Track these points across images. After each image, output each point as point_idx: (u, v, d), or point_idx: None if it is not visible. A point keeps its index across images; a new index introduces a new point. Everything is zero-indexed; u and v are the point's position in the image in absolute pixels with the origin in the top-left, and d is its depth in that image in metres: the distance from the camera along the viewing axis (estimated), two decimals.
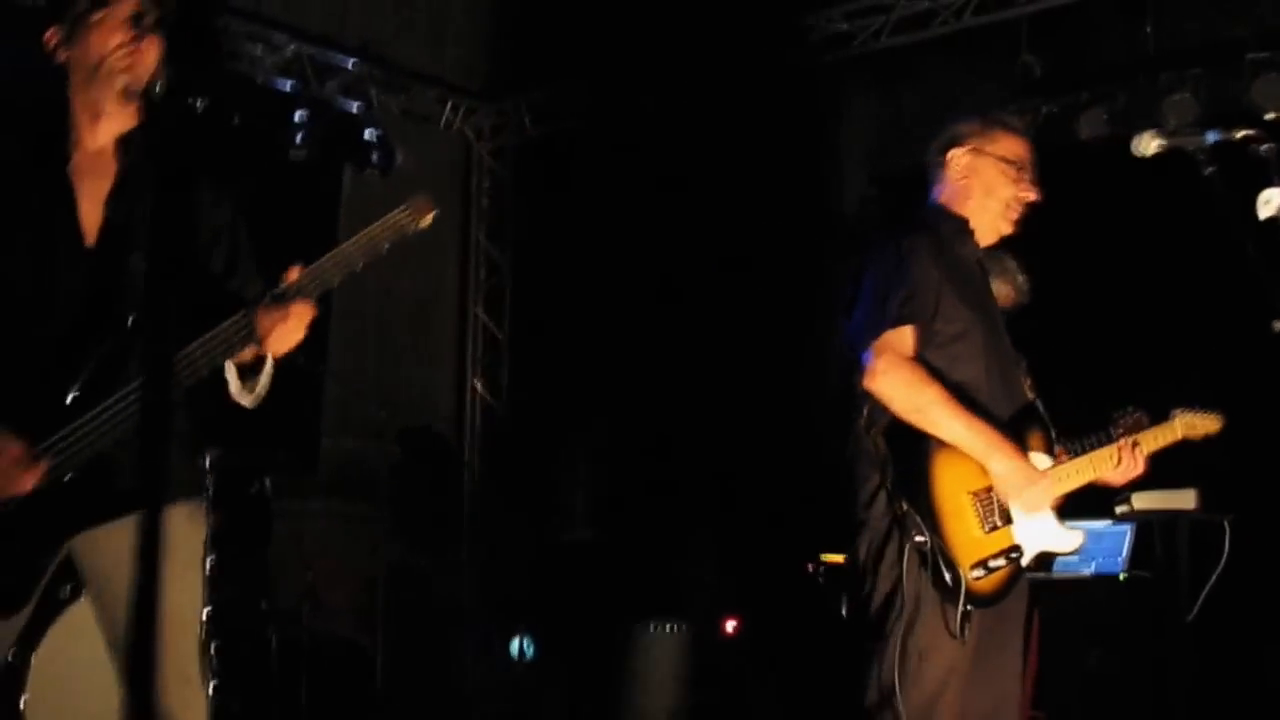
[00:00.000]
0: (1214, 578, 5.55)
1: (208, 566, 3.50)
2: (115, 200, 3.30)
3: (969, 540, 3.60)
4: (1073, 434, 3.94)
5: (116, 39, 3.26)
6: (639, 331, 8.46)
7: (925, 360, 3.67)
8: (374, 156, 7.65)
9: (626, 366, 8.56)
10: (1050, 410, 3.94)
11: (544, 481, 8.98)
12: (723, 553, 7.82)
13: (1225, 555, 5.57)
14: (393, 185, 7.66)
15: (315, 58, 7.76)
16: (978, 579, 3.57)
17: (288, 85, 7.64)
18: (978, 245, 3.96)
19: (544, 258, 9.02)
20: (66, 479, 3.14)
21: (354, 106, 7.97)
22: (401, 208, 3.14)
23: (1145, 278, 6.62)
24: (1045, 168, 3.97)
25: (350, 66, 7.87)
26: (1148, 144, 3.53)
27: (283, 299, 3.09)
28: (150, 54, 3.29)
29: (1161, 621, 5.79)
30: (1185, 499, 5.69)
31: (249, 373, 3.25)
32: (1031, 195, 3.93)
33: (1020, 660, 3.81)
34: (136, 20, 3.25)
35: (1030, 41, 7.14)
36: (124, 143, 3.36)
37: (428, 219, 3.14)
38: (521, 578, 8.32)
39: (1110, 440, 3.93)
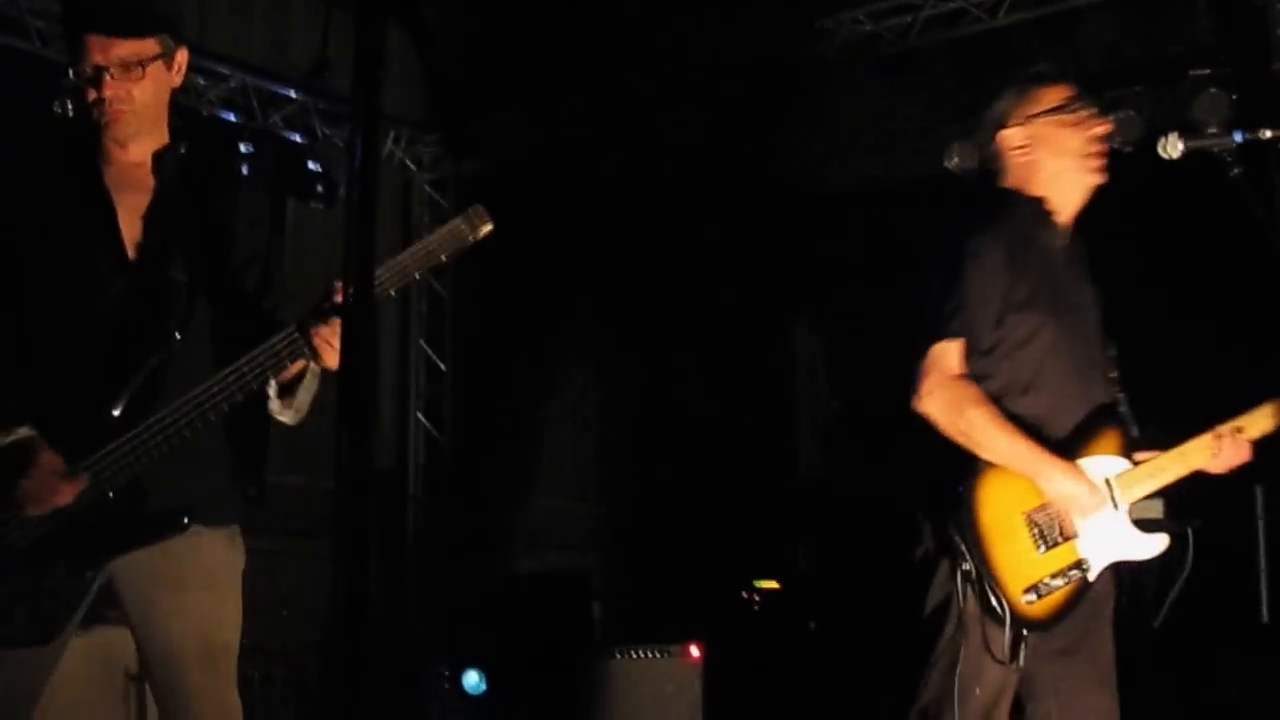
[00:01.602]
0: (1178, 585, 5.61)
1: None
2: (154, 214, 3.30)
3: (1021, 563, 3.47)
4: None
5: (90, 95, 3.25)
6: (584, 362, 8.49)
7: (985, 369, 3.53)
8: (317, 188, 7.63)
9: (572, 397, 8.59)
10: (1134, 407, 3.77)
11: (490, 513, 8.96)
12: (673, 578, 7.84)
13: (1189, 564, 5.63)
14: (336, 216, 7.65)
15: (259, 89, 7.70)
16: (1030, 603, 3.43)
17: (232, 116, 7.59)
18: (1061, 226, 3.73)
19: (487, 288, 9.01)
20: (109, 496, 3.10)
21: (297, 138, 7.93)
22: (459, 219, 3.13)
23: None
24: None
25: (294, 97, 7.83)
26: (1174, 146, 3.51)
27: (336, 310, 3.06)
28: (126, 101, 3.25)
29: (1123, 632, 5.84)
30: (1153, 509, 5.73)
31: (288, 390, 3.21)
32: (1104, 126, 3.69)
33: (1112, 672, 3.70)
34: (95, 78, 3.22)
35: (971, 62, 7.26)
36: (159, 157, 3.35)
37: (485, 230, 3.12)
38: (471, 610, 8.26)
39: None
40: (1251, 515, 5.91)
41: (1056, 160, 3.68)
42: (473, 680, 7.33)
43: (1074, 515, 3.55)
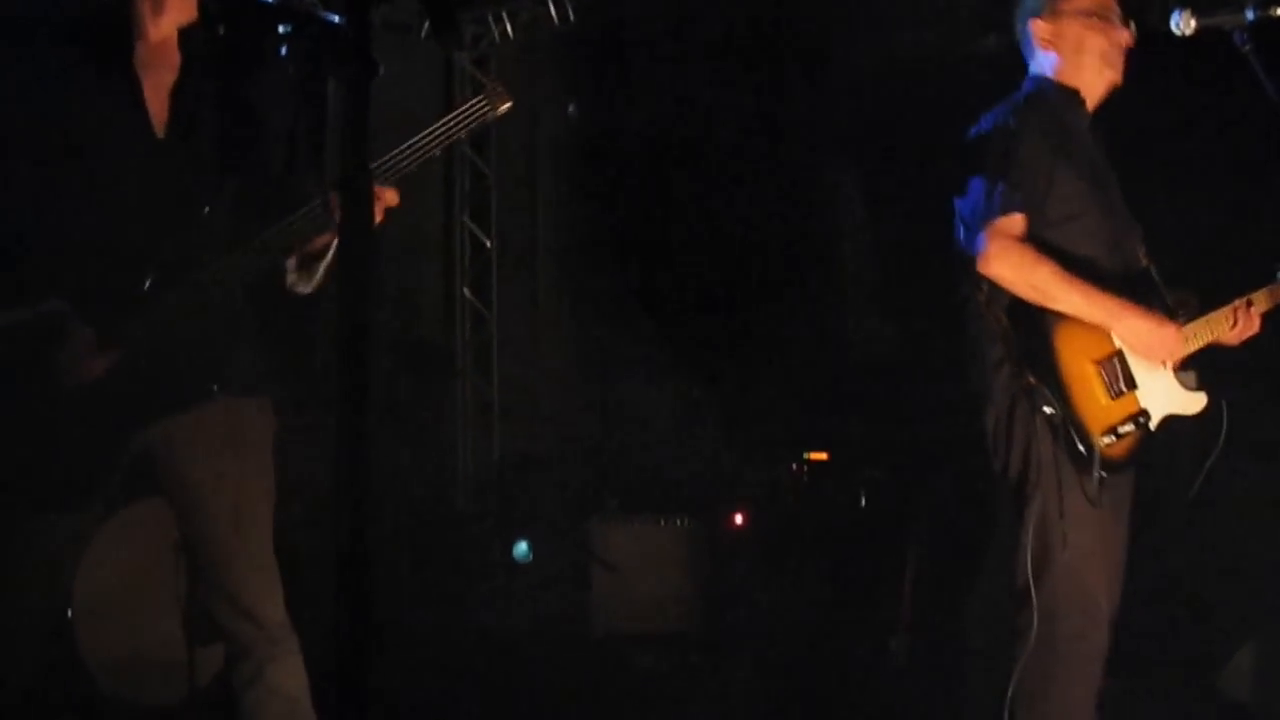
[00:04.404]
0: (1213, 456, 5.63)
1: None
2: (180, 91, 3.35)
3: (1097, 408, 3.70)
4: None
5: None
6: (628, 233, 8.51)
7: (1041, 240, 3.71)
8: None
9: (615, 268, 8.62)
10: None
11: (538, 385, 9.04)
12: (720, 448, 7.92)
13: (1223, 436, 5.65)
14: (376, 96, 7.65)
15: None
16: (1109, 445, 3.67)
17: None
18: (1089, 112, 3.95)
19: (529, 164, 9.05)
20: (141, 365, 3.19)
21: (336, 19, 7.90)
22: (479, 96, 3.24)
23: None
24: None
25: None
26: (1186, 22, 3.68)
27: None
28: None
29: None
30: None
31: (307, 262, 3.32)
32: (1126, 37, 3.90)
33: (1128, 533, 3.89)
34: None
35: None
36: (185, 34, 3.41)
37: (504, 107, 3.22)
38: (517, 483, 8.39)
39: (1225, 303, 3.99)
40: None
41: (1077, 57, 3.89)
42: (522, 550, 7.47)
43: (1147, 356, 3.78)
